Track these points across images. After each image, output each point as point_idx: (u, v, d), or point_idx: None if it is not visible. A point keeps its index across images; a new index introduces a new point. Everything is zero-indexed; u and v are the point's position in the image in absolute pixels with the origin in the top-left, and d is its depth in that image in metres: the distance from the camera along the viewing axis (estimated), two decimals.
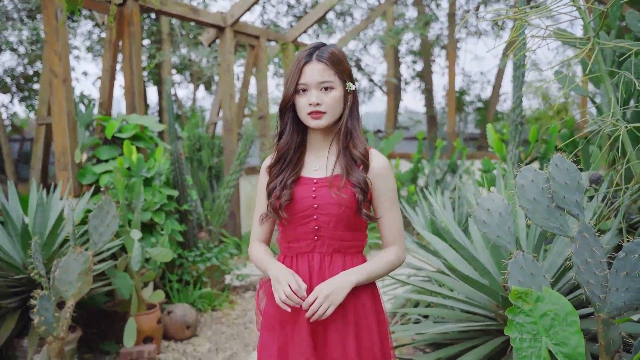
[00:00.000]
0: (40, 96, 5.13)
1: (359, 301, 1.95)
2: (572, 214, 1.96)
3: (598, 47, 2.59)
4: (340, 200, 1.88)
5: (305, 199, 1.93)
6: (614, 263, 1.90)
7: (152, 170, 4.53)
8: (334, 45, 1.95)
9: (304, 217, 1.94)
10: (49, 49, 4.52)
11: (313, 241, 1.95)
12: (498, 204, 2.10)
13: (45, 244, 3.51)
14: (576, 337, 1.88)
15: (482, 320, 2.94)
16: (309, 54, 1.91)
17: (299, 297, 1.82)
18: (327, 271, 1.93)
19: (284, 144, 1.98)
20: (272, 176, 2.01)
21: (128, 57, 5.39)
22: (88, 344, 4.21)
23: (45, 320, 2.95)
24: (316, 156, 2.01)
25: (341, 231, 1.93)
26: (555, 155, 1.96)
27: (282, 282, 1.84)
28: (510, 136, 3.75)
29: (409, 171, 8.07)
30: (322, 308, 1.80)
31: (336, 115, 1.94)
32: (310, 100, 1.88)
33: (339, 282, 1.85)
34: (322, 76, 1.88)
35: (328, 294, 1.82)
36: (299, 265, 1.96)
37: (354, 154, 1.93)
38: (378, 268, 1.96)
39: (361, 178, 1.89)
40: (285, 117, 1.98)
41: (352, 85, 1.96)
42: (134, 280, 3.95)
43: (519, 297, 1.96)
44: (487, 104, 13.59)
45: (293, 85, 1.90)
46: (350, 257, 1.97)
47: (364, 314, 1.95)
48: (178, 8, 6.04)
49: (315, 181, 1.96)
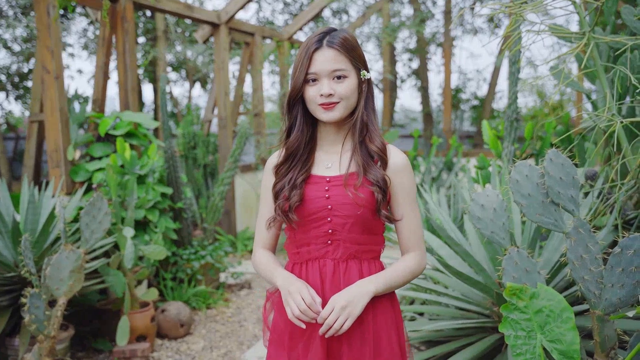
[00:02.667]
0: (32, 93, 5.09)
1: (378, 313, 1.77)
2: (567, 209, 1.94)
3: (593, 42, 2.58)
4: (357, 200, 1.70)
5: (318, 200, 1.75)
6: (609, 259, 1.88)
7: (145, 167, 4.50)
8: (345, 30, 1.76)
9: (317, 219, 1.76)
10: (41, 46, 4.48)
11: (326, 245, 1.77)
12: (492, 200, 2.07)
13: (37, 242, 3.48)
14: (571, 333, 1.86)
15: (477, 318, 2.92)
16: (318, 40, 1.71)
17: (314, 312, 1.63)
18: (342, 279, 1.74)
19: (294, 141, 1.79)
20: (280, 176, 1.82)
21: (122, 53, 5.36)
22: (81, 342, 4.18)
23: (35, 318, 2.91)
24: (328, 152, 1.83)
25: (357, 234, 1.75)
26: (550, 150, 1.94)
27: (294, 295, 1.65)
28: (506, 133, 3.73)
29: None
30: (339, 322, 1.61)
31: (350, 107, 1.75)
32: (322, 90, 1.69)
33: (356, 292, 1.66)
34: (334, 64, 1.69)
35: (345, 305, 1.62)
36: (310, 273, 1.77)
37: (370, 149, 1.75)
38: (398, 276, 1.77)
39: (380, 175, 1.72)
40: (294, 110, 1.79)
41: (367, 74, 1.78)
42: (127, 278, 3.92)
43: (514, 294, 1.93)
44: (483, 101, 13.58)
45: (302, 74, 1.71)
46: (367, 263, 1.79)
47: (384, 327, 1.77)
48: (172, 5, 6.00)
49: (328, 179, 1.77)
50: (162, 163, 4.87)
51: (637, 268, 1.83)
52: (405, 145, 11.62)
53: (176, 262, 5.08)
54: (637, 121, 2.46)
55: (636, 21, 2.91)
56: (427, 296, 3.10)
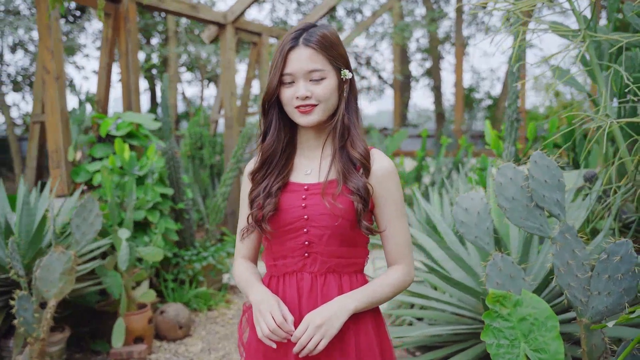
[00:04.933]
0: (34, 94, 5.10)
1: (360, 332, 1.64)
2: (553, 213, 1.88)
3: (589, 39, 2.50)
4: (335, 210, 1.59)
5: (294, 209, 1.64)
6: (596, 265, 1.81)
7: (144, 168, 4.48)
8: (326, 26, 1.64)
9: (293, 230, 1.65)
10: (42, 46, 4.49)
11: (303, 258, 1.65)
12: (477, 203, 2.01)
13: (31, 243, 3.47)
14: (556, 343, 1.79)
15: (471, 323, 2.85)
16: (294, 38, 1.60)
17: (285, 331, 1.52)
18: (319, 294, 1.63)
19: (269, 145, 1.68)
20: (256, 183, 1.72)
21: (124, 54, 5.35)
22: (79, 343, 4.17)
23: (24, 320, 2.90)
24: (308, 158, 1.72)
25: (336, 247, 1.64)
26: (535, 152, 1.87)
27: (264, 313, 1.54)
28: (506, 133, 3.65)
29: (414, 170, 7.97)
30: (313, 341, 1.50)
31: (330, 109, 1.64)
32: (298, 92, 1.59)
33: (334, 310, 1.54)
34: (311, 64, 1.58)
35: (320, 324, 1.51)
36: (287, 287, 1.66)
37: (352, 155, 1.63)
38: (382, 291, 1.64)
39: (361, 184, 1.60)
40: (270, 113, 1.68)
41: (348, 73, 1.65)
42: (124, 280, 3.90)
43: (497, 301, 1.87)
44: (496, 100, 13.43)
45: (277, 75, 1.60)
46: (347, 277, 1.67)
47: (367, 347, 1.64)
48: (176, 5, 5.98)
49: (306, 187, 1.67)
50: (163, 164, 4.85)
51: (624, 275, 1.76)
52: (416, 145, 11.52)
53: (178, 264, 5.06)
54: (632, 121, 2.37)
55: (637, 18, 2.82)
56: (420, 301, 3.03)
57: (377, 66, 17.41)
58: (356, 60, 17.80)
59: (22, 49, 12.41)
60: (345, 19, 17.23)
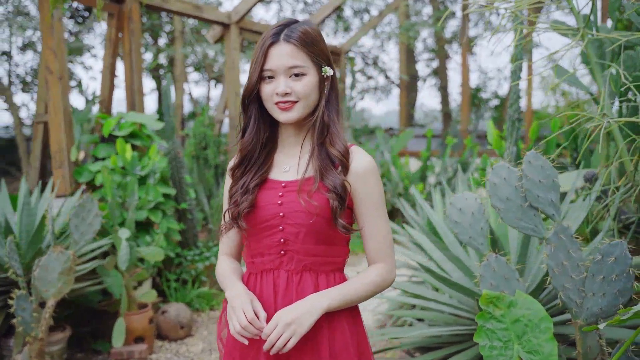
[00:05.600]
0: (38, 94, 5.12)
1: (336, 332, 1.62)
2: (547, 214, 1.85)
3: (587, 38, 2.47)
4: (310, 208, 1.57)
5: (270, 206, 1.63)
6: (590, 266, 1.79)
7: (146, 168, 4.49)
8: (308, 22, 1.64)
9: (269, 227, 1.64)
10: (45, 46, 4.50)
11: (279, 256, 1.64)
12: (470, 204, 1.99)
13: (32, 243, 3.47)
14: (549, 344, 1.77)
15: (469, 324, 2.83)
16: (275, 34, 1.59)
17: (256, 328, 1.52)
18: (294, 292, 1.62)
19: (248, 142, 1.67)
20: (235, 179, 1.71)
21: (128, 54, 5.37)
22: (81, 343, 4.18)
23: (22, 320, 2.91)
24: (287, 155, 1.71)
25: (312, 245, 1.62)
26: (529, 152, 1.85)
27: (236, 309, 1.54)
28: (508, 132, 3.62)
29: (418, 170, 7.94)
30: (282, 339, 1.48)
31: (310, 106, 1.63)
32: (278, 89, 1.57)
33: (304, 308, 1.53)
34: (291, 60, 1.57)
35: (289, 321, 1.50)
36: (264, 285, 1.66)
37: (330, 152, 1.61)
38: (357, 290, 1.62)
39: (338, 181, 1.58)
40: (250, 109, 1.67)
41: (330, 70, 1.64)
42: (124, 280, 3.90)
43: (490, 302, 1.85)
44: (504, 100, 13.37)
45: (257, 71, 1.59)
46: (324, 276, 1.65)
47: (342, 348, 1.62)
48: (180, 5, 5.99)
49: (283, 184, 1.66)
50: (165, 164, 4.85)
51: (618, 276, 1.74)
52: (422, 145, 11.48)
53: (181, 264, 5.06)
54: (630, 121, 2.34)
55: (637, 16, 2.79)
56: (416, 301, 3.01)
57: (384, 66, 17.40)
58: (363, 60, 17.79)
59: (32, 50, 12.50)
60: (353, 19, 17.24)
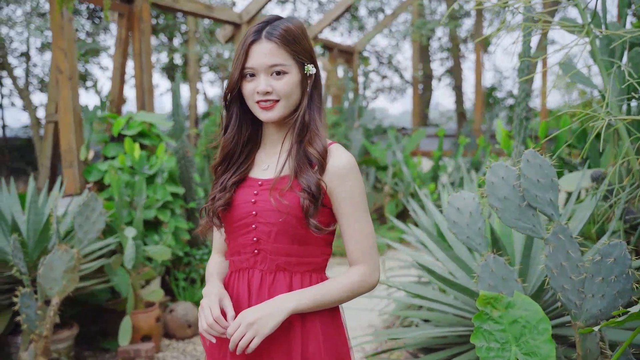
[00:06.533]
0: (49, 94, 5.17)
1: (310, 335, 1.58)
2: (546, 213, 1.82)
3: (593, 35, 2.43)
4: (280, 207, 1.55)
5: (244, 205, 1.62)
6: (589, 267, 1.75)
7: (154, 167, 4.50)
8: (292, 19, 1.61)
9: (243, 225, 1.62)
10: (55, 46, 4.54)
11: (253, 255, 1.62)
12: (469, 203, 1.96)
13: (39, 241, 3.50)
14: (547, 346, 1.74)
15: (472, 325, 2.80)
16: (256, 31, 1.56)
17: (222, 326, 1.51)
18: (267, 293, 1.59)
19: (229, 140, 1.65)
20: (217, 176, 1.70)
21: (138, 54, 5.40)
22: (90, 341, 4.21)
23: (27, 317, 2.93)
24: (268, 153, 1.69)
25: (285, 244, 1.59)
26: (527, 150, 1.82)
27: (204, 307, 1.55)
28: (515, 131, 3.58)
29: (430, 170, 7.90)
30: (245, 339, 1.46)
31: (292, 105, 1.60)
32: (258, 87, 1.55)
33: (270, 308, 1.50)
34: (273, 58, 1.55)
35: (252, 321, 1.48)
36: (240, 284, 1.64)
37: (308, 151, 1.58)
38: (332, 292, 1.57)
39: (312, 180, 1.54)
40: (232, 107, 1.65)
41: (312, 68, 1.61)
42: (131, 278, 3.92)
43: (488, 303, 1.82)
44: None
45: (238, 69, 1.57)
46: (299, 276, 1.61)
47: (315, 354, 1.58)
48: (191, 5, 6.01)
49: (260, 183, 1.64)
50: (174, 163, 4.87)
51: (618, 277, 1.70)
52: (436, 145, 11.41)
53: (189, 263, 5.07)
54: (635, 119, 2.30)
55: None
56: (418, 301, 2.98)
57: (399, 65, 17.32)
58: (378, 59, 17.74)
59: (50, 50, 12.62)
60: (368, 18, 17.20)
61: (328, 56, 9.13)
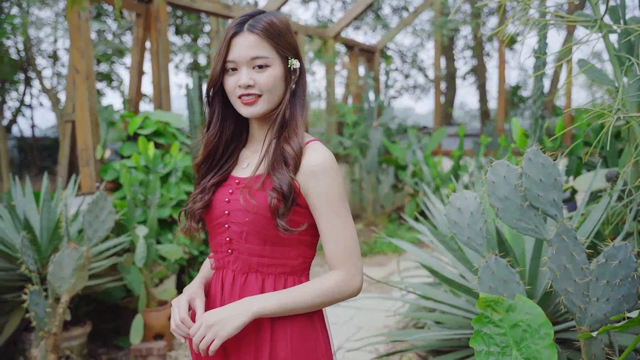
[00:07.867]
0: (67, 93, 5.23)
1: (279, 338, 1.53)
2: (549, 214, 1.76)
3: (606, 29, 2.36)
4: (248, 206, 1.50)
5: (220, 204, 1.59)
6: (594, 270, 1.69)
7: (168, 166, 4.52)
8: (276, 12, 1.56)
9: (218, 225, 1.59)
10: (72, 46, 4.58)
11: (227, 255, 1.59)
12: (470, 203, 1.90)
13: (51, 240, 3.54)
14: (548, 351, 1.68)
15: None
16: (239, 24, 1.51)
17: (188, 326, 1.50)
18: (238, 293, 1.55)
19: (211, 138, 1.61)
20: (200, 176, 1.66)
21: (155, 53, 5.42)
22: (104, 338, 4.24)
23: (36, 315, 2.95)
24: (252, 151, 1.65)
25: (257, 245, 1.54)
26: (529, 149, 1.76)
27: (174, 308, 1.54)
28: (531, 130, 3.50)
29: (450, 169, 7.80)
30: (204, 341, 1.43)
31: (275, 101, 1.55)
32: (240, 81, 1.50)
33: (232, 311, 1.46)
34: (255, 50, 1.50)
35: (211, 323, 1.44)
36: (216, 283, 1.62)
37: (284, 149, 1.52)
38: (303, 297, 1.50)
39: (284, 180, 1.48)
40: (214, 103, 1.61)
41: (296, 62, 1.57)
42: (143, 277, 3.94)
43: (488, 306, 1.77)
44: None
45: (220, 62, 1.52)
46: (272, 279, 1.55)
47: (287, 358, 1.53)
48: (208, 4, 6.03)
49: (237, 181, 1.60)
50: (189, 162, 4.88)
51: (623, 281, 1.63)
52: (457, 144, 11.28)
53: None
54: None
55: None
56: (427, 303, 2.93)
57: (422, 64, 17.19)
58: (401, 58, 17.63)
59: None
60: (391, 16, 17.10)
61: (349, 55, 9.08)
